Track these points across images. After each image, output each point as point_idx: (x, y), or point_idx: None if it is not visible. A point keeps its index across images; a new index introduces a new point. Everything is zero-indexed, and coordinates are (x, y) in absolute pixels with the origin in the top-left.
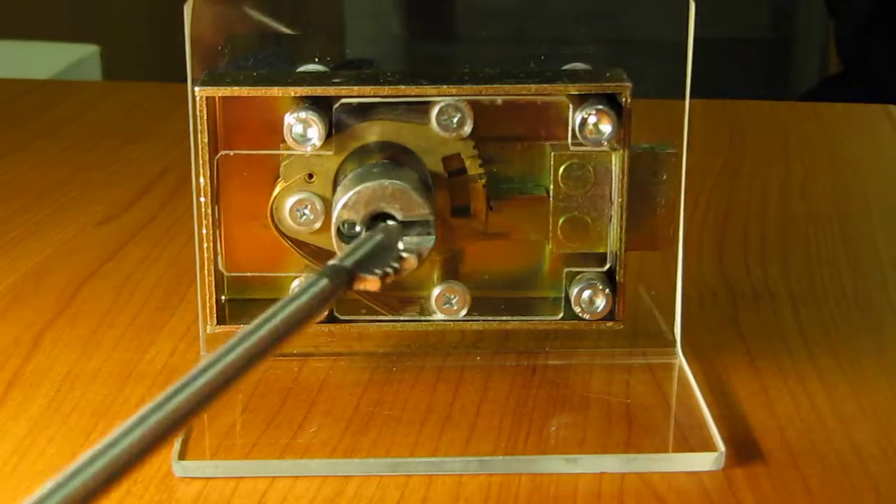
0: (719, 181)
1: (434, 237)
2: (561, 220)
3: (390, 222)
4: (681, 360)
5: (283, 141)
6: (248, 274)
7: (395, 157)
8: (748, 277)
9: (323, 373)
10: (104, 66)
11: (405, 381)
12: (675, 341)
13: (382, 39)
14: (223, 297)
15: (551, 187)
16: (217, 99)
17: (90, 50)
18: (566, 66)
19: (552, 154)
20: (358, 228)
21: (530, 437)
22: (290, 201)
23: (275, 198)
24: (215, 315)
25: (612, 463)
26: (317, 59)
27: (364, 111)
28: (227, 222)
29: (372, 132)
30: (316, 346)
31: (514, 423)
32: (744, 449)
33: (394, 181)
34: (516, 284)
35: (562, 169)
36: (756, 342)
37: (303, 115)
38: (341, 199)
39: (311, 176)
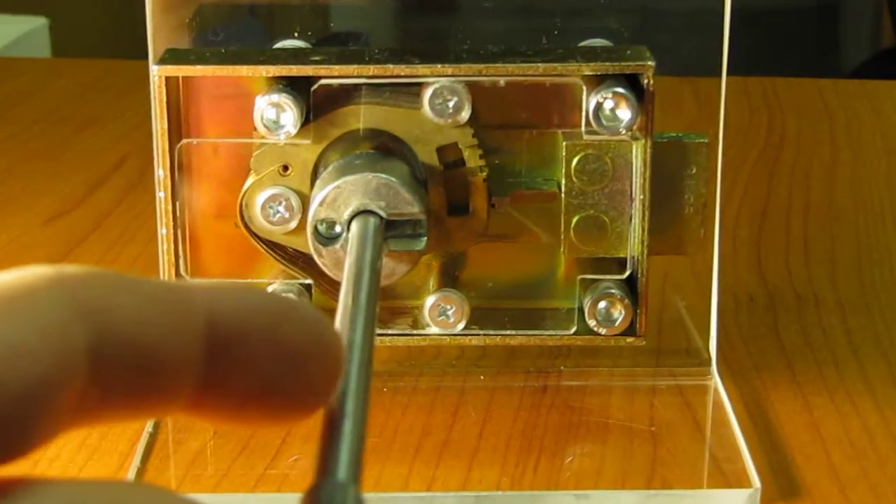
0: (756, 170)
1: (425, 239)
2: (574, 220)
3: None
4: (716, 381)
5: (256, 128)
6: (216, 280)
7: (383, 147)
8: (790, 280)
9: None
10: (53, 41)
11: (397, 403)
12: (710, 360)
13: (372, 11)
14: None
15: (563, 182)
16: (179, 79)
17: (38, 23)
18: (583, 43)
19: (564, 144)
20: (338, 229)
21: (539, 468)
22: (261, 197)
23: (245, 193)
24: None
25: (629, 500)
26: (296, 34)
27: (347, 94)
28: (192, 221)
29: (356, 118)
30: None
31: (522, 452)
32: (785, 477)
33: (379, 174)
34: (523, 293)
35: (575, 161)
36: (799, 354)
37: (275, 98)
38: (319, 195)
39: (285, 168)
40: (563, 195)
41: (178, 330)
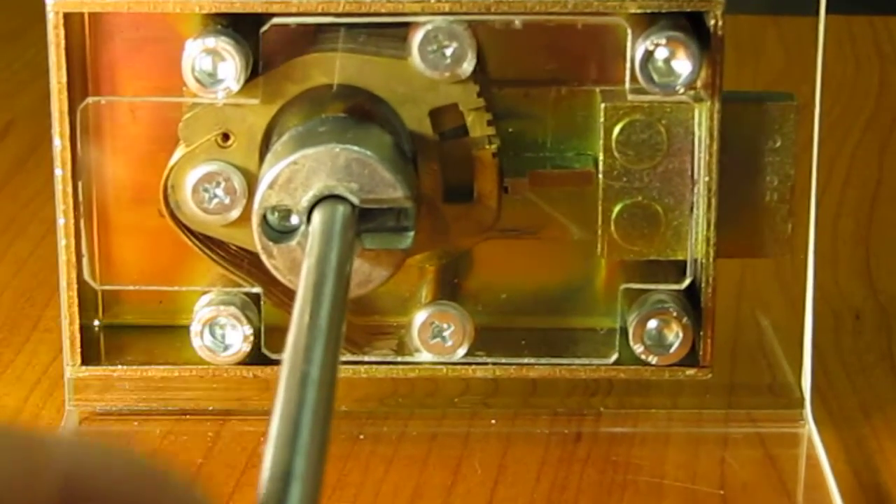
0: (865, 142)
1: (412, 234)
2: (616, 210)
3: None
4: (810, 428)
5: (186, 83)
6: (132, 287)
7: (357, 110)
8: None
9: (251, 441)
10: None
11: (378, 455)
12: (802, 399)
13: None
14: (97, 323)
15: (601, 157)
16: (85, 17)
17: None
18: None
19: (603, 107)
20: (295, 220)
21: None
22: (193, 176)
23: (171, 170)
24: (79, 350)
25: None
26: None
27: (309, 38)
28: (101, 208)
29: (321, 71)
30: (240, 399)
31: None
32: None
33: (350, 146)
34: (546, 308)
35: (618, 129)
36: None
37: (211, 42)
38: (269, 174)
39: (226, 137)
40: (601, 176)
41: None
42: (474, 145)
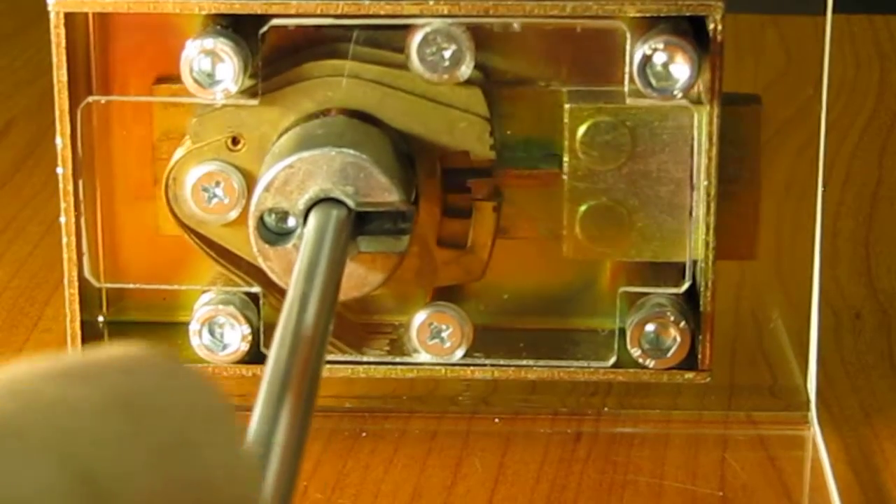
0: (865, 142)
1: (408, 237)
2: (582, 210)
3: None
4: (815, 430)
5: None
6: (132, 286)
7: (354, 112)
8: None
9: None
10: None
11: (379, 453)
12: (807, 401)
13: None
14: (101, 319)
15: (566, 159)
16: (90, 17)
17: None
18: None
19: (569, 108)
20: (292, 222)
21: None
22: (194, 174)
23: (174, 166)
24: (80, 347)
25: None
26: None
27: (311, 39)
28: (103, 206)
29: (339, 96)
30: (239, 397)
31: None
32: None
33: (346, 149)
34: (546, 310)
35: (583, 130)
36: None
37: (210, 43)
38: (266, 176)
39: (235, 141)
40: (565, 177)
41: None
42: (477, 195)
